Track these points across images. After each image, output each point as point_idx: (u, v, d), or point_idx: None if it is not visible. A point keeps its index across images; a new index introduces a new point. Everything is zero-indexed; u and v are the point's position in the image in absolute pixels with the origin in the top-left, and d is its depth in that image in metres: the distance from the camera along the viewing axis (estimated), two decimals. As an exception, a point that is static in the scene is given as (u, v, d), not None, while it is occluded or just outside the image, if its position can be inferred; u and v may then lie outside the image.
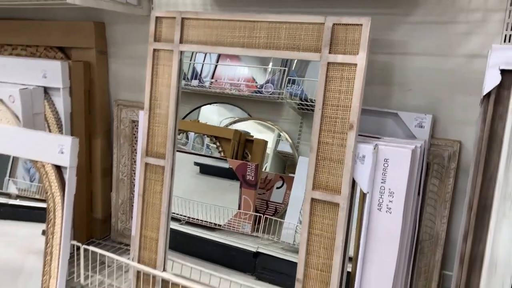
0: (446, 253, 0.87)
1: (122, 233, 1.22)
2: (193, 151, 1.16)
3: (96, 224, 1.23)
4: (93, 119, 1.18)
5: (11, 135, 1.01)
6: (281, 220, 1.02)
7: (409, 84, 0.87)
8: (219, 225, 1.08)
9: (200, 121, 1.17)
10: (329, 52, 0.72)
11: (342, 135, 0.73)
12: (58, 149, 0.95)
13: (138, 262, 0.93)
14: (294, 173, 1.05)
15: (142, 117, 0.92)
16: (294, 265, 0.87)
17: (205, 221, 1.09)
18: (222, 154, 1.12)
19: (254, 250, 1.01)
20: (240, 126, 1.12)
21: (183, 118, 1.17)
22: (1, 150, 1.03)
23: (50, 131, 1.09)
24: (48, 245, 0.97)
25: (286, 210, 1.03)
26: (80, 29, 1.14)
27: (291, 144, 1.07)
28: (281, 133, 1.09)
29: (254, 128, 1.11)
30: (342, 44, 0.72)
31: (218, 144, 1.14)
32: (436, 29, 0.84)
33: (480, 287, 0.66)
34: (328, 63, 0.73)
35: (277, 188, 1.08)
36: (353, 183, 0.75)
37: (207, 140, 1.15)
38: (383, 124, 0.86)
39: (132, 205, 1.19)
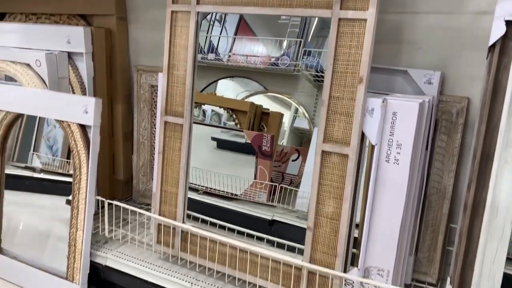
0: (453, 207, 0.90)
1: (143, 194, 1.28)
2: (210, 124, 1.19)
3: (118, 185, 1.30)
4: (114, 84, 1.23)
5: (39, 97, 1.06)
6: (295, 189, 1.06)
7: (419, 42, 0.90)
8: (236, 195, 1.12)
9: (216, 94, 1.20)
10: (340, 8, 0.75)
11: (352, 89, 0.76)
12: (83, 109, 1.00)
13: (159, 215, 0.99)
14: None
15: (161, 78, 0.96)
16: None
17: (222, 191, 1.13)
18: (239, 126, 1.15)
19: (269, 218, 1.04)
20: (257, 102, 1.14)
21: (200, 92, 1.20)
22: (30, 112, 1.10)
23: (74, 93, 1.15)
24: (75, 200, 1.03)
25: (301, 182, 1.05)
26: (101, -4, 1.19)
27: (308, 120, 1.10)
28: (298, 108, 1.11)
29: (270, 106, 1.14)
30: (353, 0, 0.74)
31: (234, 116, 1.17)
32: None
33: (482, 231, 0.69)
34: (339, 19, 0.75)
35: (293, 160, 1.11)
36: (362, 136, 0.78)
37: (224, 117, 1.19)
38: (392, 82, 0.89)
39: (153, 167, 1.25)
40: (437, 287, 0.92)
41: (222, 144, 1.16)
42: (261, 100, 1.15)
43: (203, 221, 1.06)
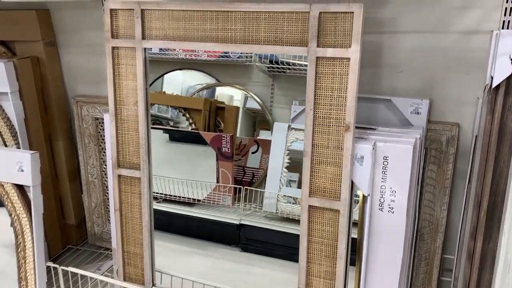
0: (447, 238, 0.85)
1: (100, 237, 1.14)
2: (159, 114, 1.09)
3: (70, 230, 1.15)
4: (51, 118, 1.06)
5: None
6: (262, 190, 0.99)
7: (401, 65, 0.80)
8: (199, 200, 1.04)
9: (165, 92, 1.09)
10: (317, 46, 0.64)
11: (338, 137, 0.66)
12: (17, 166, 0.84)
13: (124, 279, 0.87)
14: (265, 129, 1.01)
15: (108, 124, 0.82)
16: (278, 234, 0.91)
17: (183, 197, 1.05)
18: (194, 126, 1.06)
19: (237, 222, 0.99)
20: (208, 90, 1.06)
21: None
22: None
23: (4, 141, 0.98)
24: (21, 270, 0.88)
25: (265, 175, 0.99)
26: (22, 19, 1.00)
27: (259, 103, 1.01)
28: (248, 94, 1.02)
29: (224, 95, 1.05)
30: (332, 35, 0.63)
31: (188, 115, 1.07)
32: (429, 4, 0.76)
33: (495, 286, 0.63)
34: (317, 58, 0.64)
35: (253, 153, 1.04)
36: (352, 185, 0.69)
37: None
38: (375, 111, 0.80)
39: (107, 207, 1.11)
40: (433, 320, 0.87)
41: (175, 137, 1.08)
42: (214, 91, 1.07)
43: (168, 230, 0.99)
